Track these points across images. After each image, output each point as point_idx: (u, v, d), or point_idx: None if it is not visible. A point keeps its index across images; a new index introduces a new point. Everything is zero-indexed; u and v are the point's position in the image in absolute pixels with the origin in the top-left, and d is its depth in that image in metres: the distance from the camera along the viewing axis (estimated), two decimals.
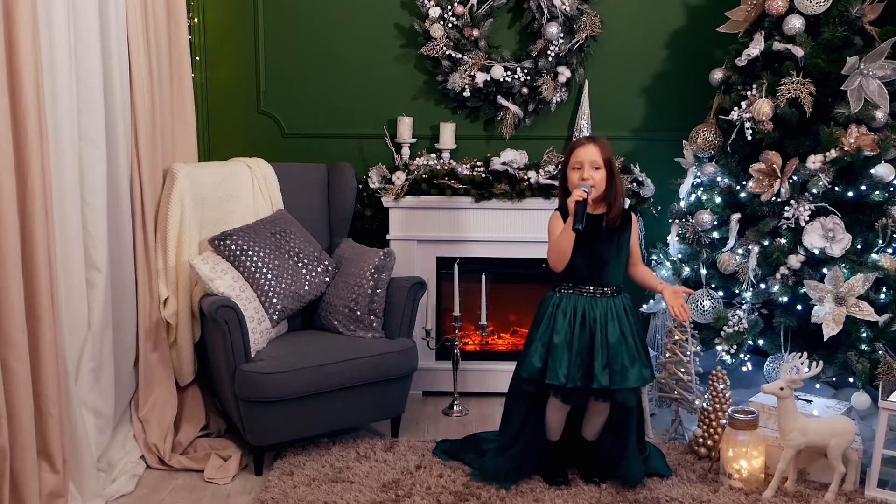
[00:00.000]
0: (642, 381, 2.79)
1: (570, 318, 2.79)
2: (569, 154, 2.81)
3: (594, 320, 2.78)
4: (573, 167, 2.78)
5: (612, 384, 2.72)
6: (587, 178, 2.74)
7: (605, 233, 2.80)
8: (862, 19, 3.23)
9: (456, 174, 3.76)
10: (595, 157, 2.75)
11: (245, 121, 4.04)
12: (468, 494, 2.82)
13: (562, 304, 2.82)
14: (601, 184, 2.76)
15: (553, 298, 2.86)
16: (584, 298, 2.81)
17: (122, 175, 3.06)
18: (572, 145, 2.82)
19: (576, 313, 2.79)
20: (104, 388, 2.94)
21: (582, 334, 2.77)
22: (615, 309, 2.80)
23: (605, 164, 2.77)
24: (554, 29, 3.77)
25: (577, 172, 2.76)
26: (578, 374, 2.75)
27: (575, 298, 2.82)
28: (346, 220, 3.76)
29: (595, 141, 2.79)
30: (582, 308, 2.80)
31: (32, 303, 2.46)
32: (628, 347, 2.76)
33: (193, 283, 3.23)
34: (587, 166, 2.75)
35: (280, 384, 2.95)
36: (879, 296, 3.12)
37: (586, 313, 2.79)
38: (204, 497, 2.87)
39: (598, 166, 2.76)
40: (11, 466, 2.41)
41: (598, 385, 2.71)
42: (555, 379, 2.74)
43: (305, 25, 3.97)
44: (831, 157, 3.13)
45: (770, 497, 2.80)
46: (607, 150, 2.79)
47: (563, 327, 2.78)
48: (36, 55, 2.41)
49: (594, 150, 2.76)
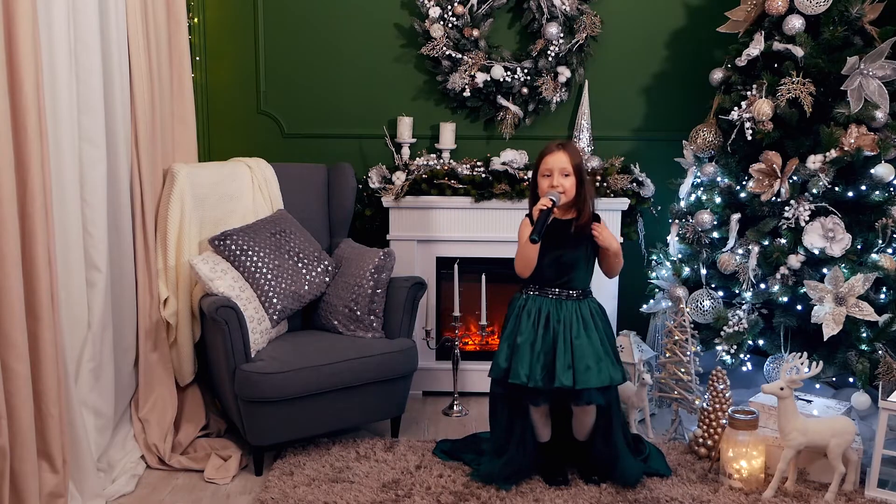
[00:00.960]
0: (609, 380, 2.75)
1: (535, 318, 2.81)
2: (538, 161, 2.82)
3: (558, 321, 2.79)
4: (543, 174, 2.79)
5: (577, 384, 2.71)
6: (556, 186, 2.75)
7: (573, 238, 2.81)
8: (862, 19, 3.23)
9: (456, 174, 3.76)
10: (565, 164, 2.76)
11: (245, 121, 4.05)
12: (468, 494, 2.82)
13: (527, 306, 2.84)
14: (571, 190, 2.78)
15: (519, 300, 2.88)
16: (549, 300, 2.83)
17: (122, 175, 3.06)
18: (542, 152, 2.83)
19: (540, 314, 2.81)
20: (104, 388, 2.94)
21: (546, 335, 2.78)
22: (580, 312, 2.81)
23: (575, 171, 2.77)
24: (554, 29, 3.77)
25: (547, 179, 2.78)
26: (541, 374, 2.75)
27: (540, 300, 2.84)
28: (346, 220, 3.76)
29: (564, 147, 2.80)
30: (547, 309, 2.81)
31: (32, 303, 2.46)
32: (594, 349, 2.76)
33: (193, 283, 3.23)
34: (557, 173, 2.76)
35: (280, 384, 2.95)
36: (879, 296, 3.12)
37: (550, 315, 2.80)
38: (204, 497, 2.87)
39: (568, 173, 2.76)
40: (11, 466, 2.42)
41: (559, 384, 2.71)
42: (516, 378, 2.75)
43: (305, 25, 3.98)
44: (831, 157, 3.13)
45: (770, 497, 2.80)
46: (577, 157, 2.80)
47: (527, 328, 2.80)
48: (36, 55, 2.42)
49: (563, 157, 2.77)
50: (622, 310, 3.84)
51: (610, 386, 2.78)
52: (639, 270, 3.90)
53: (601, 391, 2.75)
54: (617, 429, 2.87)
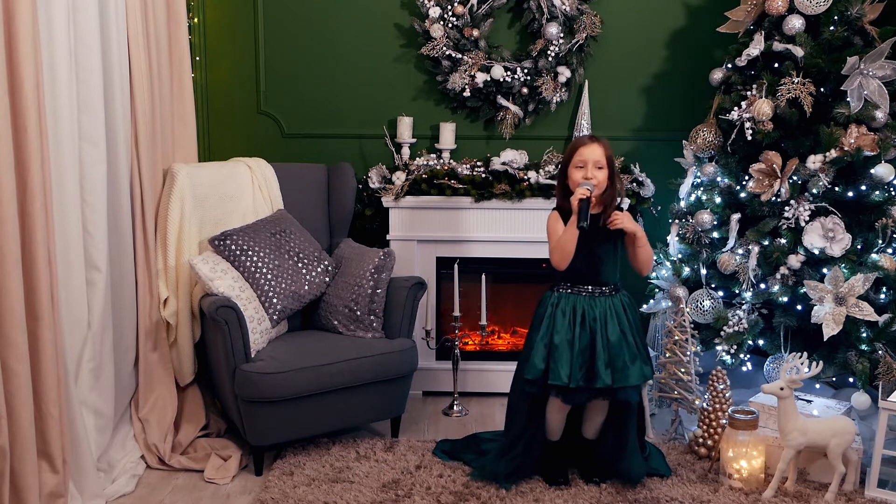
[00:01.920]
0: (643, 378, 2.80)
1: (570, 317, 2.80)
2: (571, 152, 2.81)
3: (594, 319, 2.78)
4: (576, 165, 2.79)
5: (615, 382, 2.72)
6: (590, 178, 2.75)
7: (603, 232, 2.81)
8: (862, 19, 3.23)
9: (456, 174, 3.76)
10: (599, 157, 2.77)
11: (245, 121, 4.04)
12: (468, 494, 2.82)
13: (560, 304, 2.83)
14: (604, 183, 2.78)
15: (551, 298, 2.87)
16: (582, 298, 2.82)
17: (122, 175, 3.06)
18: (575, 143, 2.83)
19: (575, 313, 2.80)
20: (104, 388, 2.94)
21: (583, 334, 2.78)
22: (614, 307, 2.81)
23: (608, 164, 2.78)
24: (554, 29, 3.77)
25: (580, 171, 2.77)
26: (580, 373, 2.75)
27: (574, 298, 2.83)
28: (346, 220, 3.76)
29: (598, 141, 2.81)
30: (581, 307, 2.81)
31: (32, 303, 2.46)
32: (629, 345, 2.78)
33: (193, 283, 3.23)
34: (591, 165, 2.76)
35: (280, 384, 2.95)
36: (879, 296, 3.11)
37: (586, 313, 2.80)
38: (204, 497, 2.87)
39: (602, 166, 2.77)
40: (11, 466, 2.42)
41: (601, 384, 2.72)
42: (557, 379, 2.74)
43: (305, 25, 3.97)
44: (831, 157, 3.13)
45: (770, 497, 2.80)
46: (609, 150, 2.81)
47: (564, 327, 2.79)
48: (36, 55, 2.42)
49: (598, 150, 2.77)
50: None
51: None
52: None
53: (635, 387, 2.78)
54: (633, 424, 2.88)
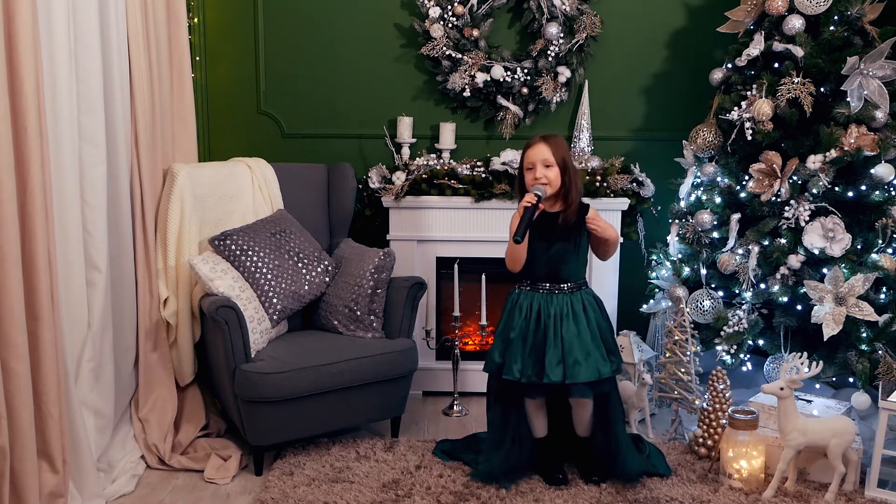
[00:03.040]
0: (597, 375, 2.75)
1: (527, 313, 2.83)
2: (521, 156, 2.83)
3: (549, 316, 2.80)
4: (526, 168, 2.81)
5: (566, 378, 2.72)
6: (539, 178, 2.75)
7: (563, 230, 2.82)
8: (862, 19, 3.23)
9: (456, 174, 3.76)
10: (546, 156, 2.77)
11: (245, 121, 4.05)
12: (468, 494, 2.82)
13: (519, 301, 2.86)
14: (555, 181, 2.78)
15: (513, 295, 2.90)
16: (540, 295, 2.84)
17: (122, 175, 3.06)
18: (524, 146, 2.84)
19: (531, 309, 2.83)
20: (104, 388, 2.94)
21: (537, 330, 2.80)
22: (572, 305, 2.82)
23: (558, 161, 2.77)
24: (554, 29, 3.77)
25: (531, 173, 2.79)
26: (532, 369, 2.76)
27: (531, 295, 2.85)
28: (346, 220, 3.76)
29: (546, 139, 2.81)
30: (538, 304, 2.83)
31: (32, 303, 2.46)
32: (582, 342, 2.76)
33: (193, 283, 3.23)
34: (539, 165, 2.77)
35: (280, 384, 2.95)
36: (879, 296, 3.11)
37: (542, 309, 2.82)
38: (204, 497, 2.87)
39: (550, 164, 2.77)
40: (11, 466, 2.42)
41: (548, 380, 2.73)
42: (510, 374, 2.78)
43: (305, 25, 3.98)
44: (831, 157, 3.13)
45: (770, 497, 2.79)
46: (561, 147, 2.80)
47: (519, 323, 2.82)
48: (36, 55, 2.42)
49: (545, 149, 2.78)
50: (622, 310, 3.83)
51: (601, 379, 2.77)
52: (639, 270, 3.90)
53: (590, 385, 2.76)
54: (617, 421, 2.87)
